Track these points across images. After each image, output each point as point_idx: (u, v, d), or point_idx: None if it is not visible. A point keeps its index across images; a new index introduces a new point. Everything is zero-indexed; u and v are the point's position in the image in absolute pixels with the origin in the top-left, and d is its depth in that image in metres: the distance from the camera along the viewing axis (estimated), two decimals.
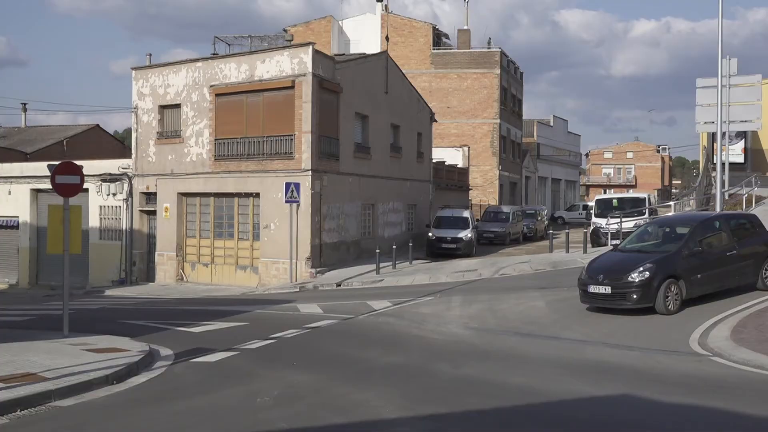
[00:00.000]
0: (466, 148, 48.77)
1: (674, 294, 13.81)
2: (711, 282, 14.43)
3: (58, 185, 13.45)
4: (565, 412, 8.18)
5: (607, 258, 15.34)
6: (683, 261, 14.09)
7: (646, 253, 14.64)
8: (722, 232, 15.14)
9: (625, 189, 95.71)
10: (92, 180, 29.06)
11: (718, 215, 16.35)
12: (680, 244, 14.44)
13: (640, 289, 13.62)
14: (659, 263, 13.86)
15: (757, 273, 15.26)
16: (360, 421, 8.00)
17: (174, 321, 16.67)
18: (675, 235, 15.31)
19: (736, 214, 16.33)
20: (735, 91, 25.26)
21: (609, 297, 14.00)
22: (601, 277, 14.17)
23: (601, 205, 33.07)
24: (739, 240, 15.13)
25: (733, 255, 14.76)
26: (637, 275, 13.73)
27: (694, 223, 15.09)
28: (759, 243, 15.55)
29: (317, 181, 25.61)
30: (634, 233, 16.31)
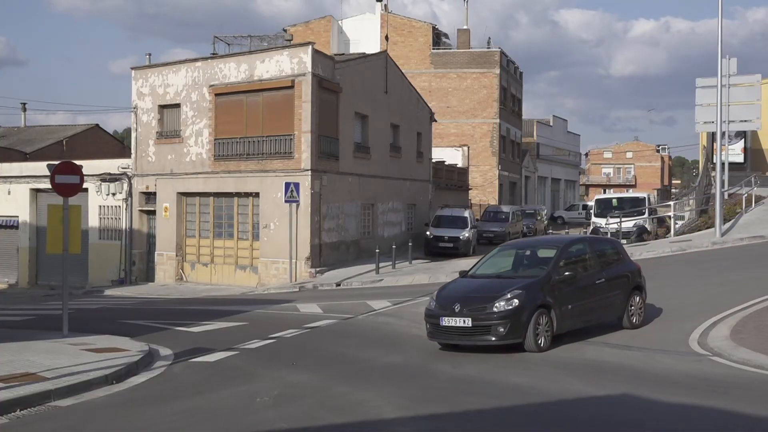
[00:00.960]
0: (465, 147, 48.77)
1: (545, 327, 11.42)
2: (581, 314, 12.17)
3: (58, 185, 13.44)
4: (564, 412, 8.17)
5: (462, 284, 12.43)
6: (554, 288, 11.71)
7: (508, 279, 12.15)
8: (589, 258, 12.87)
9: (625, 189, 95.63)
10: (92, 180, 29.03)
11: (583, 238, 14.31)
12: (548, 268, 12.00)
13: (509, 321, 11.07)
14: (529, 289, 11.44)
15: (624, 307, 12.88)
16: (359, 421, 7.99)
17: (173, 321, 16.66)
18: (537, 258, 12.87)
19: (601, 238, 14.36)
20: (735, 90, 25.27)
21: (468, 332, 11.27)
22: (457, 307, 11.38)
23: (600, 205, 33.08)
24: (605, 267, 12.89)
25: (601, 284, 12.53)
26: (505, 303, 11.16)
27: (560, 245, 12.77)
28: (624, 272, 13.26)
29: (317, 181, 25.60)
30: (486, 257, 13.55)
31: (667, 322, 13.41)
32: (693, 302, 15.00)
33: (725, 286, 16.54)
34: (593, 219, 32.12)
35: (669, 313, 14.16)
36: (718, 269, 19.43)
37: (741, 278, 17.34)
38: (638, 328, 12.86)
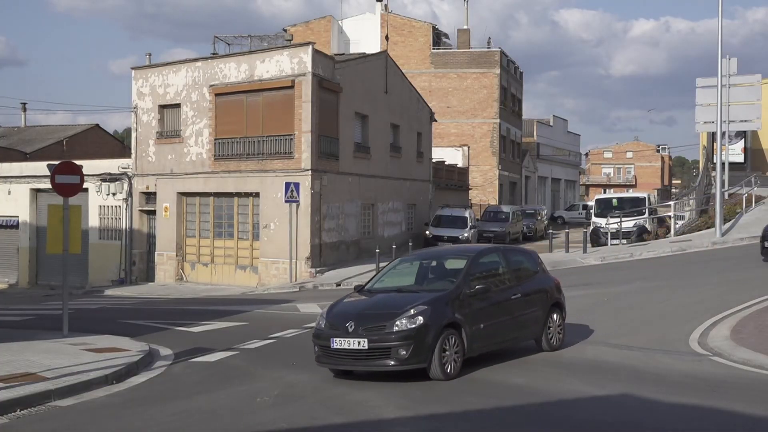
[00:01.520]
0: (465, 147, 48.76)
1: (454, 349, 9.77)
2: (496, 334, 10.59)
3: (58, 185, 13.45)
4: (564, 412, 8.17)
5: (358, 300, 10.63)
6: (464, 303, 10.09)
7: (411, 294, 10.37)
8: (503, 270, 11.30)
9: (625, 189, 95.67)
10: (92, 180, 29.03)
11: (496, 248, 12.33)
12: (457, 280, 10.36)
13: (412, 342, 9.37)
14: (436, 305, 9.77)
15: (542, 327, 11.41)
16: (360, 420, 7.99)
17: (173, 321, 16.67)
18: (445, 270, 11.20)
19: (516, 248, 13.27)
20: (735, 90, 25.28)
21: (364, 355, 9.53)
22: (351, 326, 9.65)
23: (600, 205, 33.08)
24: (520, 281, 11.36)
25: (517, 300, 10.97)
26: (407, 321, 9.46)
27: (470, 255, 11.02)
28: (542, 287, 11.71)
29: (317, 181, 25.60)
30: (386, 269, 11.76)
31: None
32: (693, 302, 15.00)
33: (725, 286, 16.54)
34: (593, 219, 32.13)
35: (654, 319, 14.14)
36: (718, 269, 19.45)
37: (741, 278, 17.35)
38: (557, 350, 11.40)
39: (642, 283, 17.98)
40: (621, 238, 28.95)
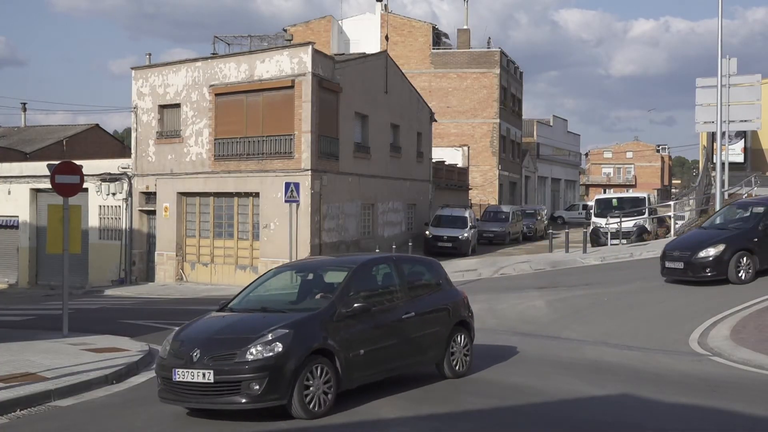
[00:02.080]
0: (465, 147, 48.75)
1: (322, 380, 8.12)
2: (381, 361, 8.97)
3: (58, 185, 13.45)
4: (564, 412, 8.17)
5: (211, 322, 9.02)
6: (339, 326, 8.49)
7: (276, 313, 8.77)
8: (395, 284, 9.66)
9: (625, 189, 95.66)
10: (92, 180, 29.01)
11: (387, 258, 10.52)
12: (332, 298, 8.77)
13: (267, 374, 7.79)
14: (300, 328, 8.21)
15: (444, 349, 9.79)
16: (360, 420, 7.99)
17: (174, 321, 16.63)
18: (322, 284, 9.50)
19: (414, 258, 11.92)
20: (735, 90, 25.25)
21: (210, 390, 7.89)
22: (196, 354, 8.03)
23: (600, 205, 33.11)
24: (417, 297, 9.77)
25: (411, 320, 9.38)
26: (263, 348, 7.90)
27: (352, 266, 9.39)
28: (444, 304, 10.09)
29: (317, 181, 25.60)
30: (254, 282, 10.05)
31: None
32: (693, 302, 15.00)
33: (725, 285, 16.52)
34: (593, 219, 32.16)
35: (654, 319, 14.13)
36: None
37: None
38: (463, 376, 9.86)
39: (642, 283, 17.99)
40: (621, 238, 28.97)
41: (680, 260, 16.55)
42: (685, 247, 16.91)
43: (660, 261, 17.41)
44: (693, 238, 17.64)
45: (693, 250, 16.50)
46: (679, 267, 16.60)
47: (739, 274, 15.90)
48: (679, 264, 16.59)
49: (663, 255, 17.33)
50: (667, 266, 17.01)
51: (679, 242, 18.03)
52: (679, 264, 16.56)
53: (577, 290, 17.45)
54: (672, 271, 16.88)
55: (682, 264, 16.48)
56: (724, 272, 15.90)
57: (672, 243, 18.11)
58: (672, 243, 18.11)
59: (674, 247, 17.45)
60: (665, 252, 17.33)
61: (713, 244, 16.20)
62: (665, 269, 17.12)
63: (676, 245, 17.58)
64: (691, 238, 17.74)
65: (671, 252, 17.10)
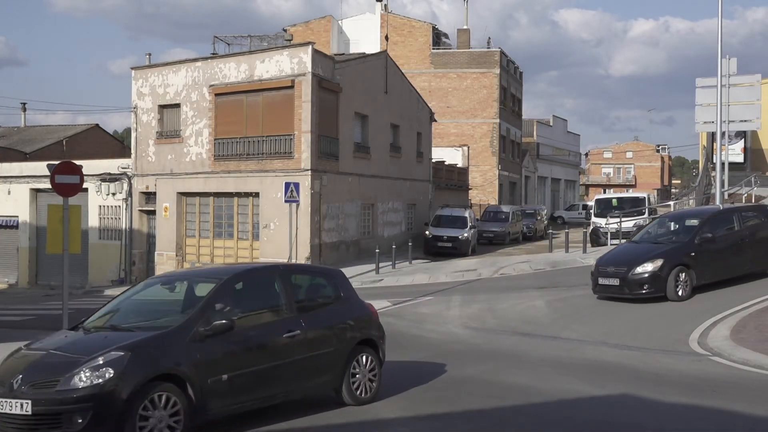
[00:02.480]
0: (465, 147, 48.75)
1: (168, 413, 6.94)
2: (253, 388, 7.70)
3: (58, 185, 13.43)
4: (564, 412, 8.18)
5: (47, 344, 7.77)
6: (196, 347, 7.28)
7: (124, 332, 7.58)
8: (278, 297, 8.41)
9: (625, 189, 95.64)
10: (92, 180, 29.03)
11: (271, 267, 9.11)
12: (191, 313, 7.57)
13: (92, 406, 6.59)
14: (139, 350, 7.03)
15: (342, 372, 8.52)
16: (359, 420, 7.99)
17: None
18: (192, 298, 8.14)
19: (308, 267, 10.93)
20: (734, 90, 25.24)
21: (28, 424, 6.67)
22: (17, 380, 6.90)
23: (600, 205, 33.09)
24: (307, 313, 8.51)
25: (295, 339, 8.09)
26: (91, 374, 6.71)
27: (222, 278, 8.11)
28: (343, 319, 8.90)
29: (317, 181, 25.60)
30: (121, 295, 8.93)
31: None
32: (692, 302, 15.00)
33: (724, 285, 16.52)
34: (593, 219, 32.14)
35: (654, 319, 14.13)
36: None
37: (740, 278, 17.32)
38: (368, 403, 8.64)
39: None
40: (621, 238, 28.92)
41: (615, 276, 15.34)
42: (620, 263, 15.60)
43: (592, 277, 16.03)
44: (627, 252, 16.38)
45: (629, 265, 15.29)
46: (614, 284, 15.37)
47: (677, 290, 14.88)
48: (614, 280, 15.36)
49: (596, 271, 15.91)
50: (600, 283, 15.67)
51: (612, 257, 16.36)
52: (614, 280, 15.35)
53: (577, 290, 17.44)
54: (606, 288, 15.59)
55: (617, 280, 15.28)
56: (662, 289, 14.88)
57: (604, 258, 16.42)
58: (604, 258, 16.42)
59: (608, 262, 15.96)
60: (598, 267, 15.90)
61: (650, 259, 15.13)
62: (598, 286, 15.77)
63: (609, 260, 16.06)
64: (625, 253, 16.37)
65: (605, 268, 15.72)
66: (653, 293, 14.97)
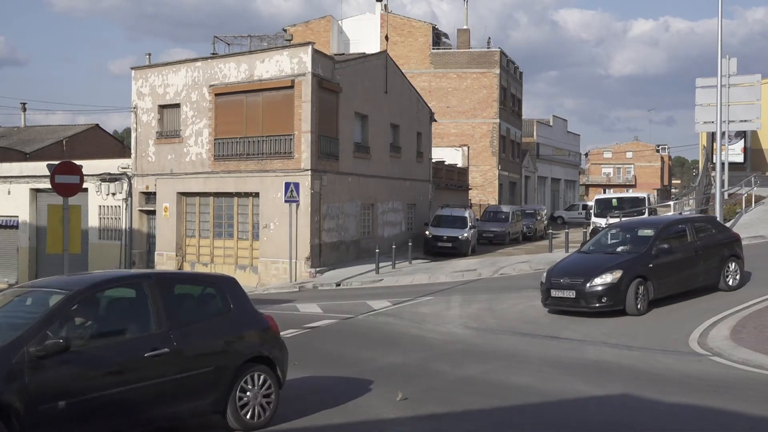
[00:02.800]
0: (465, 147, 48.74)
1: None
2: (103, 415, 6.72)
3: (58, 185, 13.44)
4: (564, 412, 8.18)
5: None
6: (25, 371, 6.28)
7: None
8: (143, 311, 7.41)
9: (625, 189, 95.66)
10: (92, 180, 29.04)
11: (139, 275, 8.14)
12: (18, 334, 6.47)
13: None
14: None
15: (227, 393, 7.63)
16: (359, 420, 8.00)
17: None
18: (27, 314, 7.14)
19: (188, 275, 9.63)
20: (734, 90, 25.28)
21: None
22: None
23: (600, 205, 33.11)
24: (182, 327, 7.49)
25: (162, 358, 7.14)
26: None
27: (70, 290, 7.07)
28: (228, 334, 7.94)
29: (317, 181, 25.60)
30: None
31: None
32: (692, 302, 15.00)
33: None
34: (593, 219, 32.16)
35: (654, 319, 14.11)
36: None
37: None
38: (260, 428, 7.85)
39: None
40: None
41: (570, 288, 14.29)
42: (575, 273, 14.56)
43: (542, 289, 15.01)
44: (581, 263, 15.27)
45: (586, 276, 14.26)
46: (569, 296, 14.33)
47: (637, 304, 13.96)
48: (569, 293, 14.30)
49: (547, 282, 14.85)
50: (553, 295, 14.63)
51: (565, 268, 15.17)
52: (570, 293, 14.29)
53: None
54: (560, 300, 14.56)
55: (573, 293, 14.23)
56: (621, 301, 13.92)
57: (556, 268, 15.21)
58: (556, 268, 15.21)
59: (561, 273, 14.85)
60: (550, 279, 14.81)
61: (609, 270, 14.14)
62: (550, 299, 14.73)
63: (562, 271, 14.94)
64: (578, 264, 15.26)
65: (558, 279, 14.65)
66: (611, 306, 13.99)
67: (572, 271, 14.85)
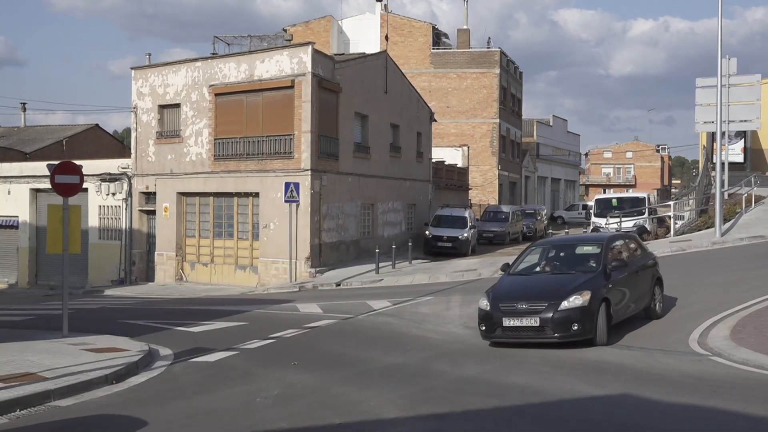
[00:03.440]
0: (465, 147, 48.75)
1: None
2: None
3: (58, 185, 13.45)
4: (564, 412, 8.17)
5: None
6: None
7: None
8: None
9: (625, 189, 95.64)
10: (92, 180, 29.04)
11: None
12: None
13: None
14: None
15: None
16: (359, 420, 7.99)
17: (173, 321, 16.66)
18: None
19: None
20: (734, 90, 25.27)
21: None
22: None
23: (600, 205, 33.11)
24: None
25: None
26: None
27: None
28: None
29: (317, 181, 25.60)
30: None
31: None
32: (692, 302, 14.99)
33: (725, 285, 16.53)
34: (593, 219, 32.17)
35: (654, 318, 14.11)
36: (718, 269, 19.43)
37: (741, 278, 17.33)
38: None
39: None
40: None
41: (532, 315, 11.44)
42: (533, 297, 11.69)
43: (485, 319, 11.85)
44: (531, 285, 12.42)
45: (550, 299, 11.51)
46: (531, 325, 11.45)
47: (606, 331, 11.73)
48: (531, 320, 11.43)
49: (493, 309, 11.74)
50: (507, 325, 11.60)
51: (512, 292, 12.13)
52: (532, 320, 11.42)
53: None
54: (517, 331, 11.59)
55: (536, 320, 11.39)
56: (591, 330, 11.47)
57: (500, 293, 12.12)
58: (500, 293, 12.12)
59: (511, 297, 11.86)
60: (498, 306, 11.74)
61: (576, 291, 11.55)
62: (502, 329, 11.66)
63: (512, 295, 11.93)
64: (529, 286, 12.35)
65: (510, 305, 11.67)
66: (581, 335, 11.45)
67: (526, 294, 11.92)
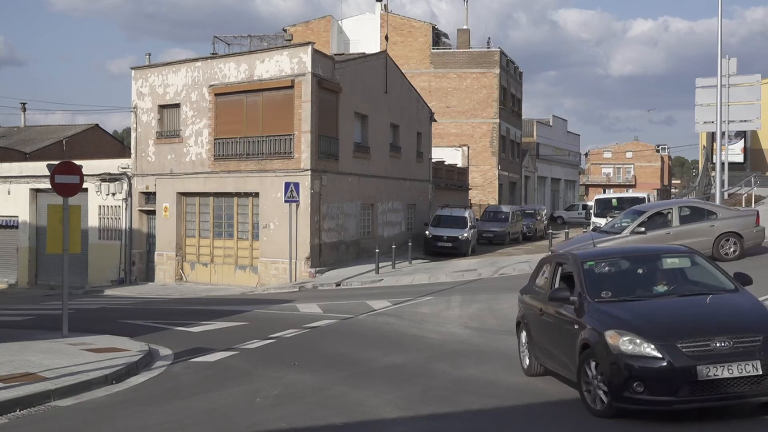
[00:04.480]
0: (465, 147, 48.76)
1: None
2: None
3: (58, 185, 13.45)
4: (564, 412, 8.17)
5: None
6: None
7: None
8: None
9: (625, 189, 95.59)
10: (91, 180, 29.03)
11: None
12: None
13: None
14: None
15: None
16: (359, 420, 7.99)
17: (173, 321, 16.67)
18: None
19: None
20: (734, 90, 25.28)
21: None
22: None
23: (600, 205, 33.11)
24: None
25: None
26: None
27: None
28: None
29: (317, 181, 25.60)
30: None
31: None
32: None
33: None
34: (593, 219, 32.14)
35: None
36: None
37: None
38: None
39: None
40: None
41: (745, 358, 7.27)
42: (716, 330, 7.45)
43: (656, 379, 7.22)
44: (688, 310, 8.12)
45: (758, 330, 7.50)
46: (750, 374, 7.22)
47: None
48: (747, 366, 7.24)
49: (673, 357, 7.19)
50: (703, 379, 7.17)
51: (685, 321, 7.73)
52: (749, 366, 7.24)
53: None
54: (723, 387, 7.23)
55: (755, 365, 7.25)
56: None
57: (675, 327, 7.55)
58: (675, 327, 7.55)
59: (692, 329, 7.50)
60: (680, 349, 7.25)
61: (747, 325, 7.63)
62: (693, 388, 7.19)
63: (690, 327, 7.56)
64: (693, 311, 8.07)
65: (703, 342, 7.31)
66: None
67: (703, 326, 7.64)
